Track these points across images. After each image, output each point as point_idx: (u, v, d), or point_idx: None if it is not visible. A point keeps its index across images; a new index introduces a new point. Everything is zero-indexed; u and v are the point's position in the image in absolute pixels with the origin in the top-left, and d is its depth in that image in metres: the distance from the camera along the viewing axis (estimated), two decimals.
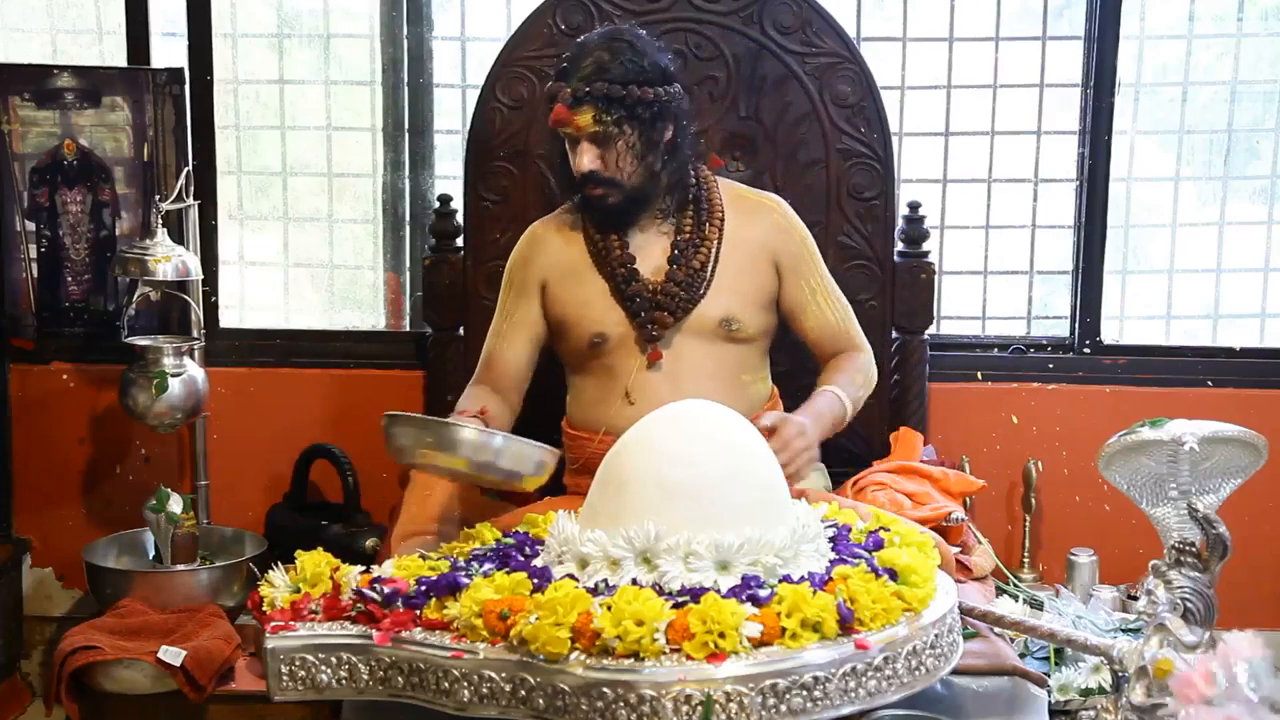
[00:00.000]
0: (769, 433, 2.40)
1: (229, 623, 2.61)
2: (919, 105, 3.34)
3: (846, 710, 1.97)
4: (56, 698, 2.45)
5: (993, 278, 3.42)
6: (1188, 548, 2.21)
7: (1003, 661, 2.34)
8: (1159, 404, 2.97)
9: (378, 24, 3.39)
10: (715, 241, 2.70)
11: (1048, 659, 2.62)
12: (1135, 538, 3.13)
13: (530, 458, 2.39)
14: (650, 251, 2.71)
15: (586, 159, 2.60)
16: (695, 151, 2.78)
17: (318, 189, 3.46)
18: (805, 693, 1.93)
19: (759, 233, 2.73)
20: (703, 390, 2.53)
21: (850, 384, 2.69)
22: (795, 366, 2.92)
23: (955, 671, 2.19)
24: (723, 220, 2.72)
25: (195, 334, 3.16)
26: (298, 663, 2.12)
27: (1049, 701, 2.39)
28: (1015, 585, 2.97)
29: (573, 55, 2.63)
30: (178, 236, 3.10)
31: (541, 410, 2.83)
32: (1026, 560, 3.24)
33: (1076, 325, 3.33)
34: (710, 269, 2.69)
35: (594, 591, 2.02)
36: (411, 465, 2.50)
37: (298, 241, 3.48)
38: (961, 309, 3.43)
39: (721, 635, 1.91)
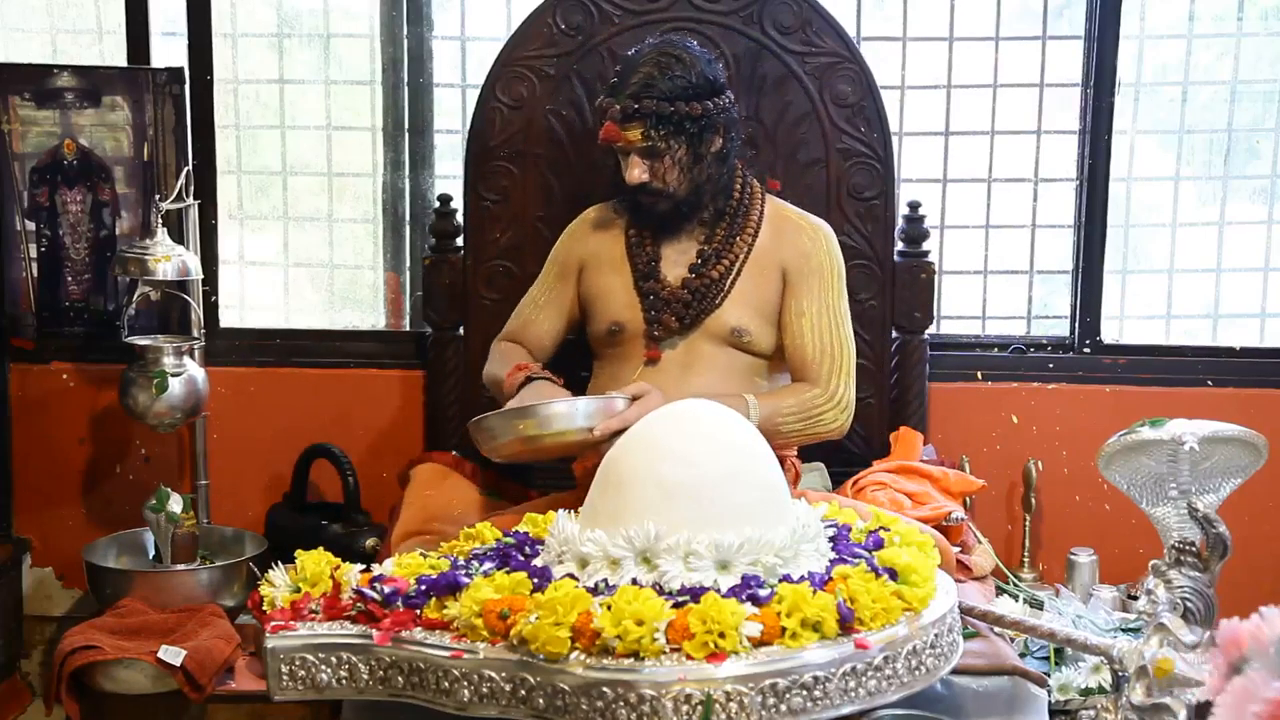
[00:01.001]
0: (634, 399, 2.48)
1: (229, 623, 2.61)
2: (919, 105, 3.34)
3: (846, 710, 1.97)
4: (56, 697, 2.45)
5: (993, 277, 3.42)
6: (1188, 548, 2.21)
7: (1003, 661, 2.34)
8: (1159, 404, 2.97)
9: (378, 24, 3.39)
10: (742, 255, 2.73)
11: (1048, 659, 2.62)
12: (1135, 538, 3.13)
13: (607, 409, 2.46)
14: (679, 256, 2.76)
15: (637, 171, 2.65)
16: (744, 159, 2.82)
17: (318, 189, 3.46)
18: (805, 692, 1.93)
19: (780, 249, 2.75)
20: (712, 389, 2.55)
21: (777, 408, 2.64)
22: None
23: (955, 671, 2.19)
24: (755, 236, 2.75)
25: (195, 334, 3.16)
26: (298, 662, 2.12)
27: (1049, 701, 2.39)
28: (1015, 585, 2.97)
29: (622, 70, 2.67)
30: (178, 236, 3.09)
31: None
32: (1026, 560, 3.24)
33: (1076, 325, 3.33)
34: (730, 281, 2.72)
35: (594, 591, 2.02)
36: (507, 457, 2.53)
37: (298, 241, 3.48)
38: (961, 309, 3.43)
39: (721, 635, 1.91)
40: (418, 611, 2.10)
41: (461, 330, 3.17)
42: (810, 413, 2.68)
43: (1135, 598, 2.92)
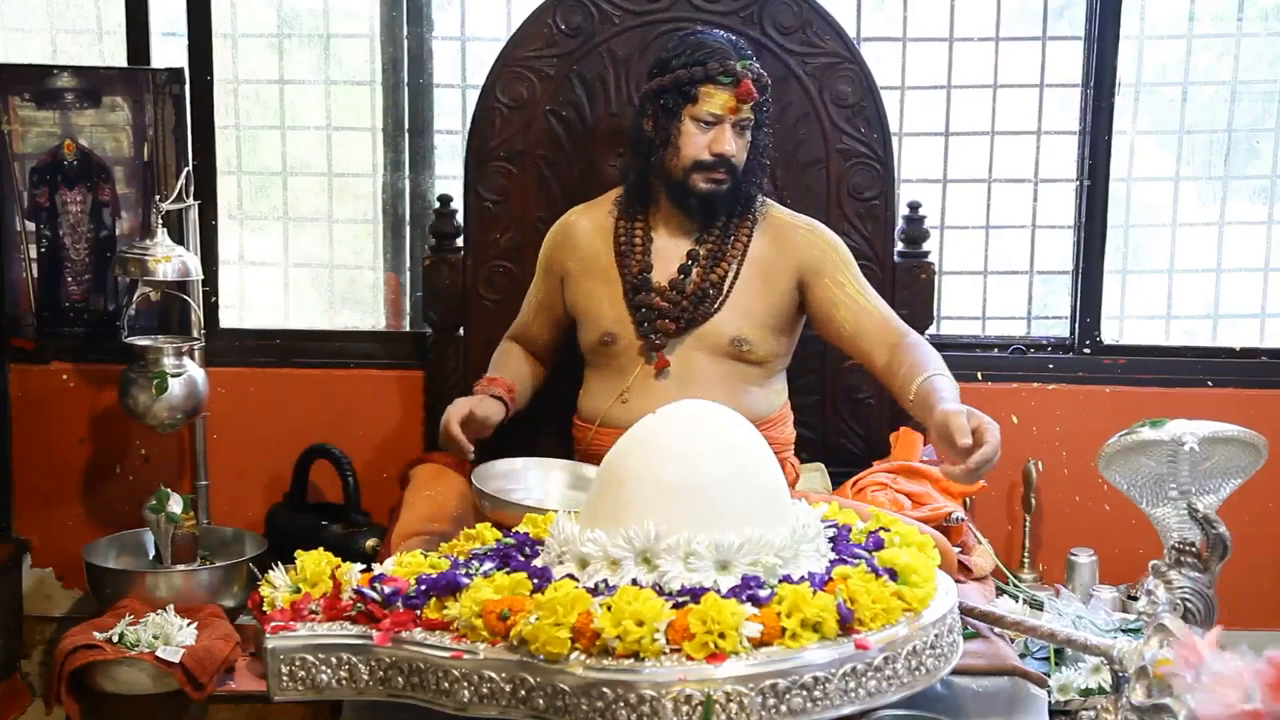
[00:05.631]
0: (973, 446, 2.35)
1: (229, 623, 2.61)
2: (919, 105, 3.34)
3: (846, 710, 1.97)
4: (56, 697, 2.45)
5: (993, 278, 3.42)
6: (1188, 548, 2.21)
7: (1003, 661, 2.34)
8: (1159, 404, 2.97)
9: (378, 24, 3.39)
10: (737, 259, 2.72)
11: (1048, 659, 2.62)
12: (1135, 538, 3.13)
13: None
14: (673, 258, 2.73)
15: (729, 142, 2.65)
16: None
17: (318, 189, 3.46)
18: (805, 693, 1.93)
19: (783, 251, 2.74)
20: (708, 399, 2.54)
21: (938, 362, 2.59)
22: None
23: (955, 671, 2.19)
24: (749, 238, 2.73)
25: (195, 334, 3.16)
26: (298, 663, 2.12)
27: (1049, 701, 2.39)
28: (1015, 585, 2.97)
29: (713, 46, 2.66)
30: (178, 236, 3.09)
31: (556, 398, 2.93)
32: (1026, 560, 3.24)
33: (1076, 325, 3.33)
34: (727, 285, 2.71)
35: (594, 591, 2.02)
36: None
37: (298, 241, 3.48)
38: (961, 309, 3.43)
39: (721, 635, 1.91)
40: (418, 612, 2.10)
41: (461, 331, 3.17)
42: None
43: (1135, 598, 2.92)
